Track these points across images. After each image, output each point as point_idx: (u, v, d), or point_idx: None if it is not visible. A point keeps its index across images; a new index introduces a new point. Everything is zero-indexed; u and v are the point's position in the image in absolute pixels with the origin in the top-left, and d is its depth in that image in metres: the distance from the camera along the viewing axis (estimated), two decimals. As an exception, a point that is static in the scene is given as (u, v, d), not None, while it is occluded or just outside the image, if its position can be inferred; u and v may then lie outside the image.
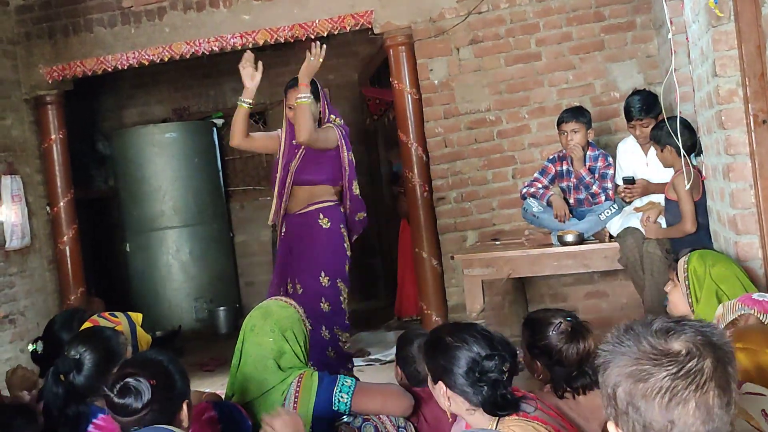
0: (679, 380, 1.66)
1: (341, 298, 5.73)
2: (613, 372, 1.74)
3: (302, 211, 5.79)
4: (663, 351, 1.70)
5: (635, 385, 1.70)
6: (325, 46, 5.83)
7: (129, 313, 3.94)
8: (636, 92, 5.94)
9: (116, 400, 2.69)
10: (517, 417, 2.81)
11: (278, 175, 5.85)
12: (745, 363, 2.58)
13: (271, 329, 3.73)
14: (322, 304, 5.62)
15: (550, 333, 3.36)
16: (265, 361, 3.69)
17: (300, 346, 3.77)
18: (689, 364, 1.67)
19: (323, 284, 5.66)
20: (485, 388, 2.81)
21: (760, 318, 3.14)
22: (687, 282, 3.81)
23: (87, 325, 3.78)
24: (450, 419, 3.09)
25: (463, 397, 2.85)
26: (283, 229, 5.90)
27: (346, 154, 5.81)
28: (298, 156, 5.79)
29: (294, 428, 3.20)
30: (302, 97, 5.60)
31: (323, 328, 5.57)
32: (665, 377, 1.67)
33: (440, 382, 2.88)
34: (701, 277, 3.80)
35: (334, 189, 5.87)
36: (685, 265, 3.86)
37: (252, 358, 3.73)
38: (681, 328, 1.74)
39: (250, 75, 5.80)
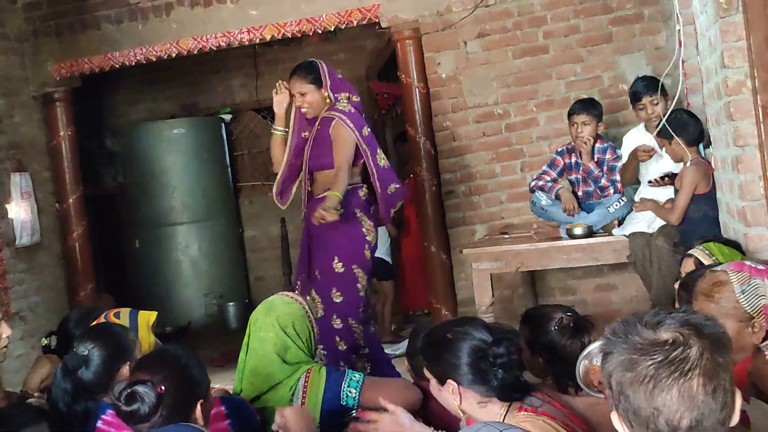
0: (663, 368, 1.70)
1: (358, 286, 5.50)
2: (609, 362, 1.80)
3: (320, 197, 5.69)
4: (651, 341, 1.75)
5: (624, 374, 1.75)
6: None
7: (141, 312, 3.93)
8: (639, 78, 5.96)
9: (123, 408, 2.69)
10: (525, 412, 2.78)
11: (286, 162, 5.78)
12: None
13: (272, 324, 3.74)
14: (333, 293, 5.46)
15: (553, 328, 3.34)
16: (269, 356, 3.69)
17: (303, 342, 3.76)
18: (674, 353, 1.71)
19: (336, 270, 5.45)
20: (500, 372, 2.78)
21: (730, 276, 3.10)
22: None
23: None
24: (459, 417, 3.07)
25: (474, 391, 2.81)
26: (303, 216, 5.80)
27: (358, 135, 5.52)
28: (309, 142, 5.71)
29: (306, 422, 3.21)
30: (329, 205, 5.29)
31: (334, 316, 5.44)
32: (650, 365, 1.72)
33: (449, 381, 2.83)
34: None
35: (352, 171, 5.66)
36: (705, 250, 3.87)
37: (256, 353, 3.74)
38: (670, 318, 1.79)
39: (279, 101, 5.75)
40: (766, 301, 3.00)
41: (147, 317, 3.87)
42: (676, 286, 3.83)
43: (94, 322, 3.77)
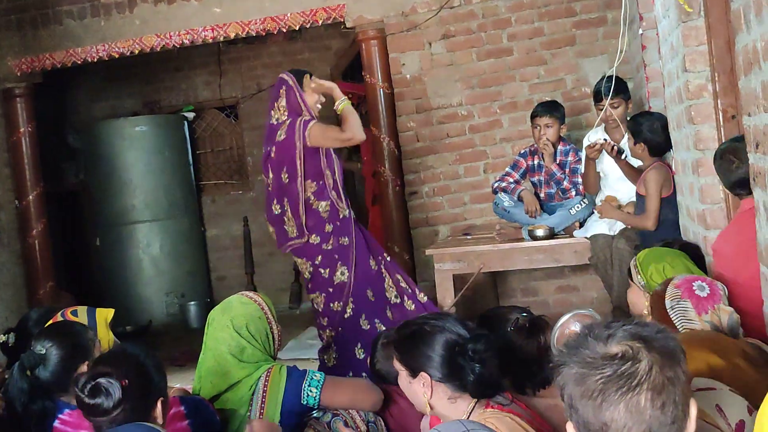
0: (611, 383, 1.72)
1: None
2: (561, 375, 1.81)
3: None
4: (601, 355, 1.76)
5: (574, 387, 1.77)
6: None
7: (99, 309, 3.89)
8: (605, 77, 5.97)
9: (87, 400, 2.65)
10: (492, 409, 2.78)
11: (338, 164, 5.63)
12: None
13: (226, 325, 3.73)
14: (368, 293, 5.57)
15: (509, 329, 3.34)
16: (224, 356, 3.68)
17: (259, 343, 3.74)
18: (623, 367, 1.73)
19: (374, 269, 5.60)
20: (477, 368, 2.77)
21: (667, 289, 3.14)
22: (640, 275, 3.79)
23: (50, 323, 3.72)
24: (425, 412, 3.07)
25: (446, 385, 2.80)
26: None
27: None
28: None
29: None
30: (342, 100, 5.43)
31: (363, 316, 5.51)
32: (599, 380, 1.73)
33: (422, 374, 2.82)
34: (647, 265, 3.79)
35: None
36: (635, 262, 3.85)
37: (212, 352, 3.73)
38: (621, 331, 1.80)
39: (322, 83, 5.55)
40: (696, 326, 3.02)
41: (105, 314, 3.83)
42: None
43: (51, 321, 3.73)
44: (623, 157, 5.52)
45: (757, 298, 3.12)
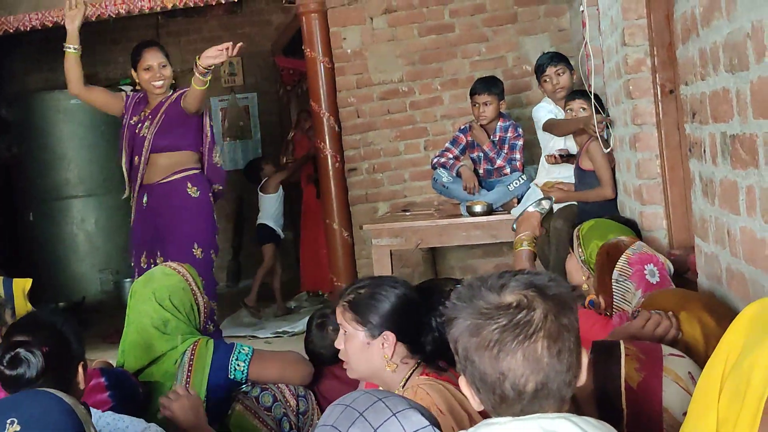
0: (507, 332, 1.70)
1: (212, 269, 5.60)
2: (455, 327, 1.79)
3: (166, 180, 5.56)
4: (495, 305, 1.74)
5: (470, 339, 1.74)
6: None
7: (15, 279, 3.76)
8: (543, 53, 5.99)
9: (7, 372, 2.54)
10: (426, 376, 2.78)
11: (126, 143, 5.63)
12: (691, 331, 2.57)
13: (149, 297, 3.62)
14: None
15: (443, 300, 3.31)
16: (147, 329, 3.57)
17: (183, 315, 3.64)
18: (519, 316, 1.71)
19: (196, 256, 5.40)
20: (438, 335, 2.77)
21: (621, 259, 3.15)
22: (581, 249, 3.75)
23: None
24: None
25: (405, 346, 2.80)
26: (144, 201, 5.61)
27: (207, 120, 5.63)
28: (156, 120, 5.56)
29: (193, 410, 3.08)
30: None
31: None
32: (495, 329, 1.71)
33: (386, 333, 2.78)
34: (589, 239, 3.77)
35: (197, 156, 5.65)
36: (578, 232, 3.81)
37: (134, 325, 3.61)
38: (514, 281, 1.78)
39: (72, 16, 5.65)
40: (628, 308, 3.04)
41: (22, 284, 3.72)
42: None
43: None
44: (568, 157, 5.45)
45: None
